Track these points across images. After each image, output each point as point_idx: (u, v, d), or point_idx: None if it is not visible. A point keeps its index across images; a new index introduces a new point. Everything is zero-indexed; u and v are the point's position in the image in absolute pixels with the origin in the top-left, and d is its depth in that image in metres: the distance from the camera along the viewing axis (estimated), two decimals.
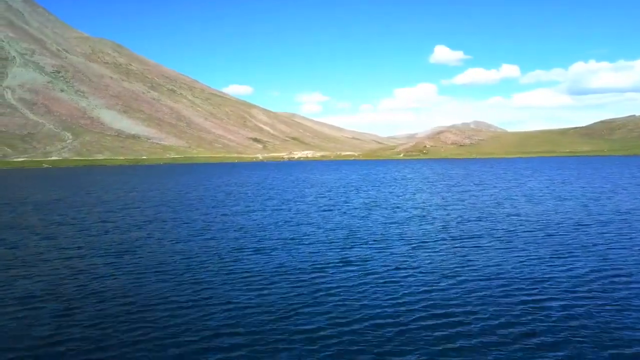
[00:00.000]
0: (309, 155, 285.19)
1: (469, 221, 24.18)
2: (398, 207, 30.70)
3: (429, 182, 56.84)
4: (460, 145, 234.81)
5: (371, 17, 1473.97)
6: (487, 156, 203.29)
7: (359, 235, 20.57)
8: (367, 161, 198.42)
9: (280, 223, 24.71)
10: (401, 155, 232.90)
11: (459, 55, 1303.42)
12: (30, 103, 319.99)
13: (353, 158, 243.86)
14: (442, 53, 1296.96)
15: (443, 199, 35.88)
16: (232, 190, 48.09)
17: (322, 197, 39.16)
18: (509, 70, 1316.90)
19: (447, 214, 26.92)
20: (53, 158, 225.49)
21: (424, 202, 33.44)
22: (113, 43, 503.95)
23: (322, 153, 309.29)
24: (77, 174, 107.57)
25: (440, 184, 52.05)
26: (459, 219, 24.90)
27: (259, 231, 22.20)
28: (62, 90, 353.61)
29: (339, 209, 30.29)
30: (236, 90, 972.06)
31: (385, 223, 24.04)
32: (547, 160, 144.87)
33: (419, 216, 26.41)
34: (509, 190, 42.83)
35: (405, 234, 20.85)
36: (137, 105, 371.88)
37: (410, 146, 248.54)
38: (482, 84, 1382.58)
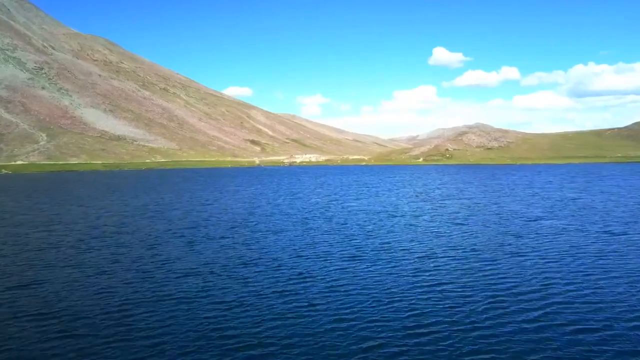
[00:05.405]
0: (312, 160, 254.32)
1: None
2: None
3: (589, 233, 26.59)
4: (488, 149, 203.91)
5: (371, 18, 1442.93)
6: (525, 162, 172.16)
7: None
8: (383, 167, 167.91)
9: None
10: (420, 159, 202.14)
11: (458, 57, 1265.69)
12: (6, 101, 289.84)
13: (364, 163, 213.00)
14: (441, 55, 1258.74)
15: None
16: (152, 285, 18.01)
17: None
18: (509, 72, 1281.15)
19: None
20: (18, 162, 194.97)
21: None
22: (105, 40, 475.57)
23: (326, 157, 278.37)
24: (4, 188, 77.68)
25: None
26: None
27: None
28: (43, 88, 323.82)
29: None
30: (235, 92, 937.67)
31: None
32: (621, 168, 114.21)
33: None
34: None
35: None
36: (126, 104, 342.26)
37: (430, 149, 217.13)
38: (482, 86, 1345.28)
